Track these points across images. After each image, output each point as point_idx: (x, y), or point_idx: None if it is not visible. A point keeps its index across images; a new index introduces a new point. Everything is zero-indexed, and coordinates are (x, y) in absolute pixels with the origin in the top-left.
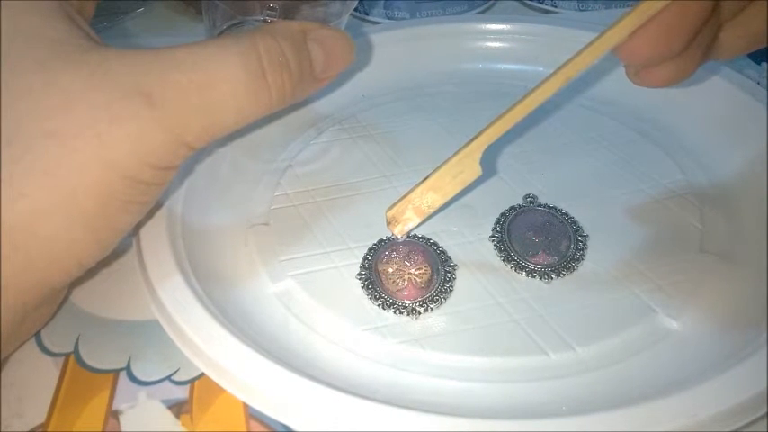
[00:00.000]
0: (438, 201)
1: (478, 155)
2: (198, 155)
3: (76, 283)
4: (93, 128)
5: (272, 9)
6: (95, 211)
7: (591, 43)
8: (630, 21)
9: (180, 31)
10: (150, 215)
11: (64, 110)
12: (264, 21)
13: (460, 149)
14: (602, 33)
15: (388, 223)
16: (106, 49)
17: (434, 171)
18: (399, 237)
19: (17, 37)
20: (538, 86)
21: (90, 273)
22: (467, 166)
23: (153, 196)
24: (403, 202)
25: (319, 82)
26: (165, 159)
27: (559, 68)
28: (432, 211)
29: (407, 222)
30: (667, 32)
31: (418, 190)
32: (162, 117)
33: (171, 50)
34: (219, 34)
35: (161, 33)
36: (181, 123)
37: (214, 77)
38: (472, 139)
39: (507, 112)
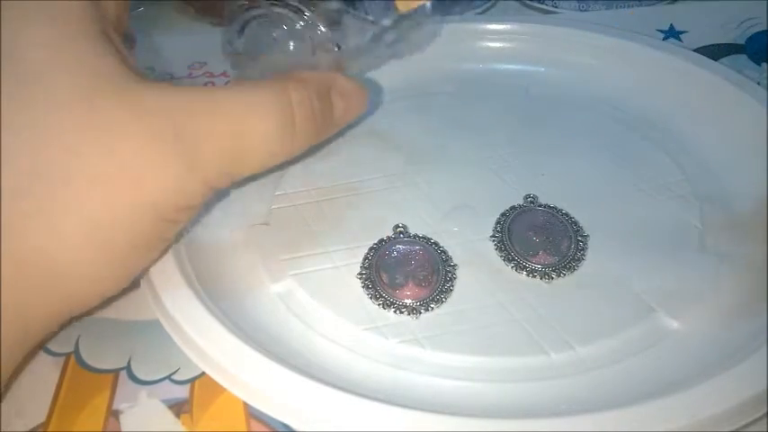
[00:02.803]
0: None
1: None
2: None
3: None
4: (131, 171)
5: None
6: (125, 251)
7: None
8: None
9: (179, 31)
10: None
11: (105, 151)
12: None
13: None
14: None
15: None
16: (145, 83)
17: None
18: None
19: (62, 69)
20: None
21: None
22: None
23: (174, 233)
24: None
25: (334, 129)
26: (189, 201)
27: None
28: None
29: None
30: None
31: None
32: (195, 162)
33: (209, 94)
34: (244, 25)
35: (161, 33)
36: (211, 168)
37: (249, 127)
38: None
39: None
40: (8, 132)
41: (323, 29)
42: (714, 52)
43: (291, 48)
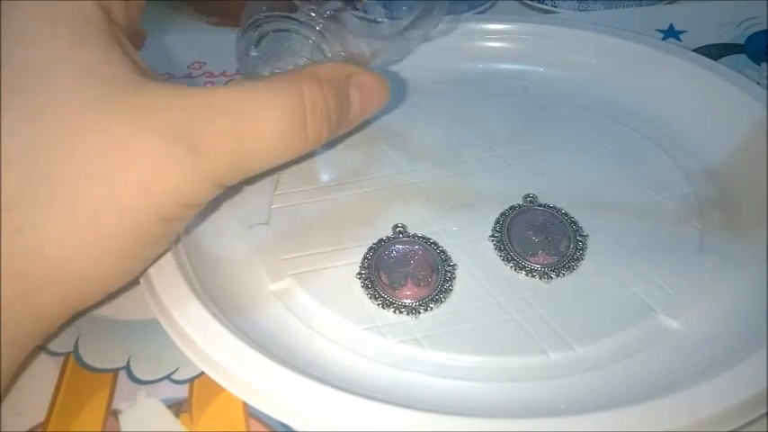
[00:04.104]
0: None
1: None
2: None
3: None
4: (138, 174)
5: (313, 12)
6: (131, 249)
7: None
8: None
9: (179, 31)
10: None
11: (111, 153)
12: (301, 22)
13: None
14: None
15: None
16: (153, 85)
17: None
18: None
19: (72, 73)
20: None
21: None
22: None
23: (180, 230)
24: None
25: (350, 125)
26: (198, 199)
27: None
28: None
29: None
30: None
31: None
32: (201, 163)
33: (217, 94)
34: (251, 25)
35: (160, 32)
36: (218, 168)
37: (257, 128)
38: None
39: None
40: (13, 135)
41: (333, 41)
42: (714, 52)
43: (304, 61)
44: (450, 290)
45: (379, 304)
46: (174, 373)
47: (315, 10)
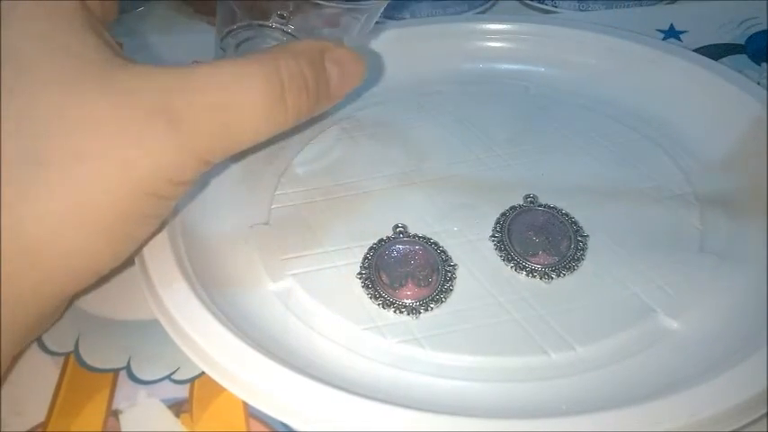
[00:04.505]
0: None
1: None
2: None
3: None
4: (119, 149)
5: (282, 17)
6: (116, 227)
7: None
8: None
9: (180, 30)
10: None
11: (91, 131)
12: (273, 27)
13: None
14: None
15: None
16: (131, 65)
17: None
18: None
19: (48, 54)
20: None
21: None
22: None
23: (168, 209)
24: None
25: (331, 100)
26: (184, 175)
27: None
28: None
29: None
30: None
31: None
32: (183, 137)
33: (195, 70)
34: (228, 34)
35: (161, 33)
36: (201, 142)
37: (236, 100)
38: None
39: None
40: None
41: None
42: (714, 52)
43: None
44: (451, 290)
45: (379, 304)
46: (174, 373)
47: (283, 15)
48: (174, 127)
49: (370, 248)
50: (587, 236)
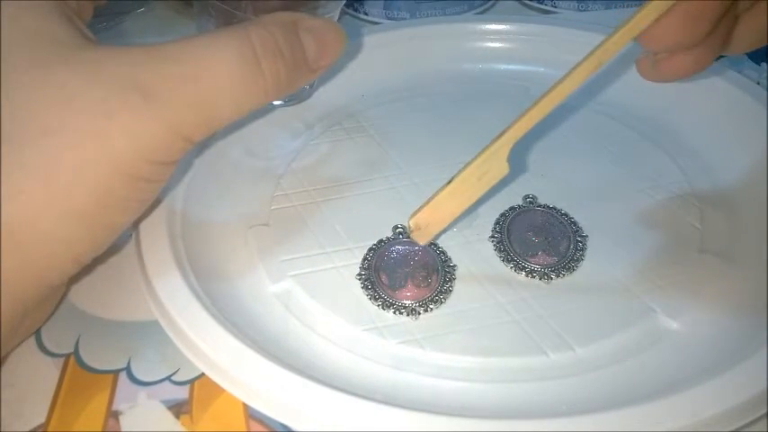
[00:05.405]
0: (463, 204)
1: (506, 152)
2: (198, 154)
3: (75, 281)
4: (91, 124)
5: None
6: (93, 209)
7: (618, 29)
8: (657, 6)
9: (180, 31)
10: (149, 214)
11: (62, 107)
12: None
13: (486, 149)
14: (629, 19)
15: (411, 231)
16: (102, 46)
17: (458, 173)
18: (422, 243)
19: (17, 36)
20: (566, 77)
21: (88, 271)
22: (493, 166)
23: (151, 194)
24: (426, 208)
25: (313, 72)
26: (162, 154)
27: (587, 57)
28: (456, 214)
29: (431, 228)
30: (692, 19)
31: (442, 195)
32: (158, 110)
33: (165, 45)
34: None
35: (161, 33)
36: (177, 116)
37: (208, 68)
38: (498, 137)
39: (534, 105)
40: None
41: None
42: None
43: None
44: (450, 291)
45: (379, 305)
46: (174, 374)
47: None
48: (147, 100)
49: (370, 249)
50: (587, 236)
